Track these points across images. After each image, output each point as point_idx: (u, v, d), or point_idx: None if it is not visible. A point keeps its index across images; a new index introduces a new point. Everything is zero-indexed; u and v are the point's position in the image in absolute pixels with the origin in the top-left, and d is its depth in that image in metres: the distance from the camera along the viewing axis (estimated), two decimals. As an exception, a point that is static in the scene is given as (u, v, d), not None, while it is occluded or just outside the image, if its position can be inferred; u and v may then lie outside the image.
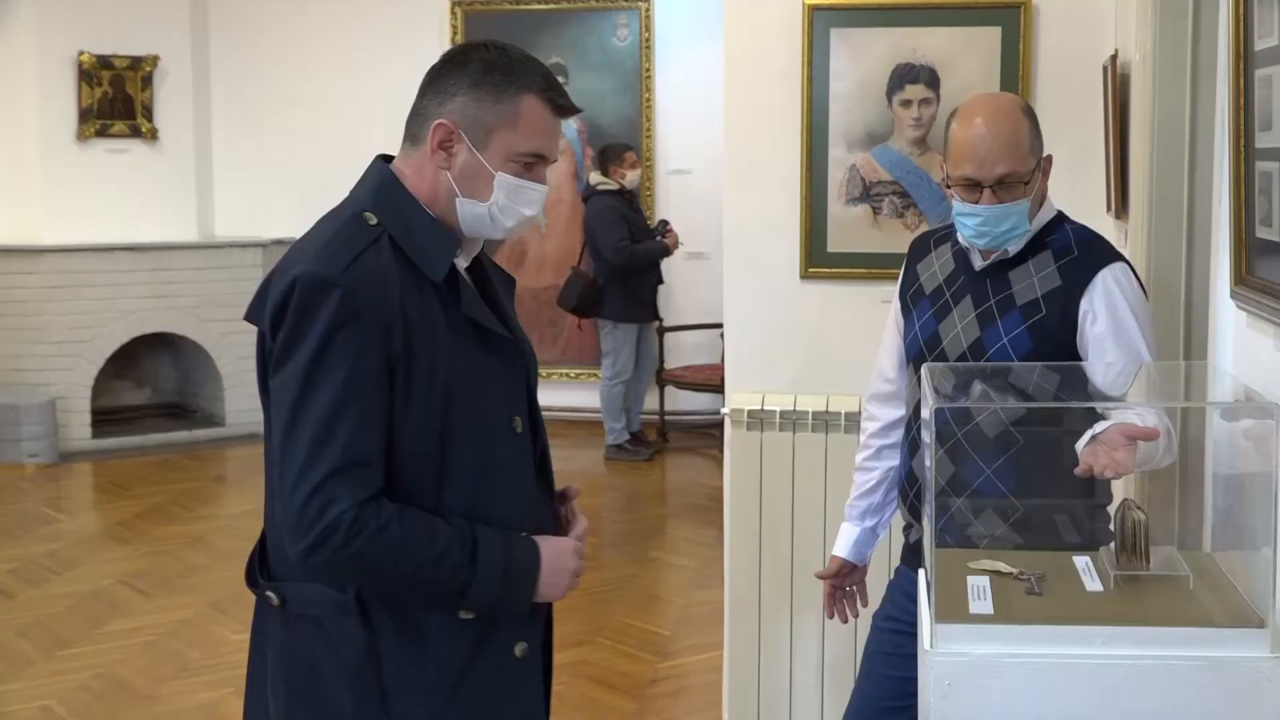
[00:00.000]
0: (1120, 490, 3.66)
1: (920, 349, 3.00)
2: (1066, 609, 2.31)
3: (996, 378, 2.87)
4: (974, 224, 2.85)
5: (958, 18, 4.29)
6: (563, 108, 2.34)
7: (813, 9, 4.31)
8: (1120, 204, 4.05)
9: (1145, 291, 3.02)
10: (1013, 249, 2.91)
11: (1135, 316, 2.87)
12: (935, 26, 4.29)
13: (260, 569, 2.35)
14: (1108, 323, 2.84)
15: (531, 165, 2.31)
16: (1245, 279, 2.70)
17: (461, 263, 2.34)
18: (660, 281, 9.38)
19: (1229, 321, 2.88)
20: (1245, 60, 2.64)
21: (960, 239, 2.98)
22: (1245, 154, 2.67)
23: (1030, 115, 2.94)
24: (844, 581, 3.35)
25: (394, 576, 2.16)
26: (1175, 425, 2.89)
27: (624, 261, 8.89)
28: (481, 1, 9.82)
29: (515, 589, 2.24)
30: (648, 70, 9.69)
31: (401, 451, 2.18)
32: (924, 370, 2.68)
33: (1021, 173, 2.84)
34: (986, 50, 4.28)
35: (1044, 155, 2.94)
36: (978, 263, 2.96)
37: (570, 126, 9.73)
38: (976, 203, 2.83)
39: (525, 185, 2.31)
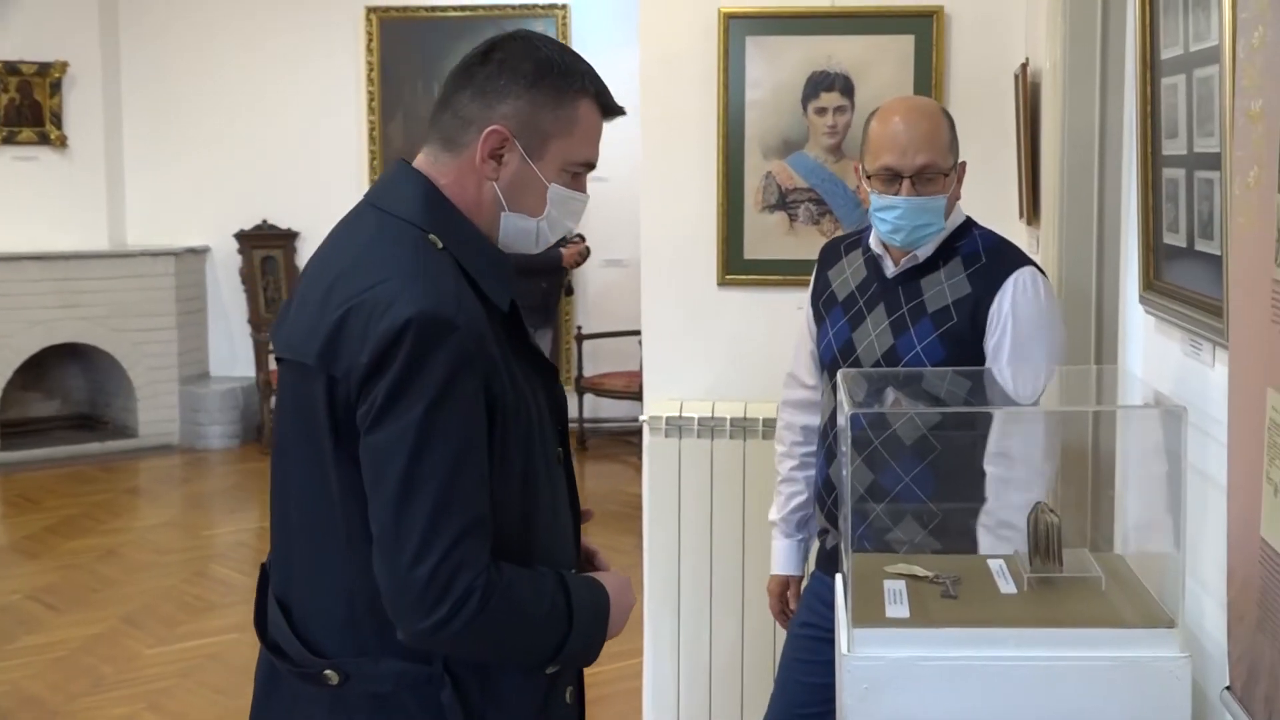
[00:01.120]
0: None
1: (835, 356, 3.01)
2: (981, 612, 2.33)
3: (910, 384, 2.90)
4: (892, 217, 2.86)
5: (872, 26, 4.32)
6: (613, 110, 2.14)
7: (728, 16, 4.33)
8: (1032, 211, 4.10)
9: (1055, 294, 3.05)
10: (923, 254, 2.93)
11: (1040, 322, 2.89)
12: (850, 35, 4.33)
13: (296, 641, 2.06)
14: (1012, 329, 2.87)
15: (579, 175, 2.12)
16: (1154, 284, 2.74)
17: None
18: (566, 291, 9.34)
19: (1138, 326, 2.92)
20: (1152, 69, 2.68)
21: (872, 244, 2.99)
22: (1153, 161, 2.71)
23: (948, 118, 2.97)
24: (788, 595, 3.35)
25: (511, 642, 1.98)
26: (1088, 428, 2.92)
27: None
28: (397, 9, 9.77)
29: (599, 637, 2.09)
30: (565, 78, 9.69)
31: (492, 500, 1.95)
32: (839, 377, 2.69)
33: (941, 166, 2.87)
34: (900, 58, 4.32)
35: (959, 161, 2.97)
36: (890, 269, 2.97)
37: (487, 134, 9.71)
38: (896, 194, 2.84)
39: (574, 196, 2.11)
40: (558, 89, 2.05)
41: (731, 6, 4.34)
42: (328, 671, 2.01)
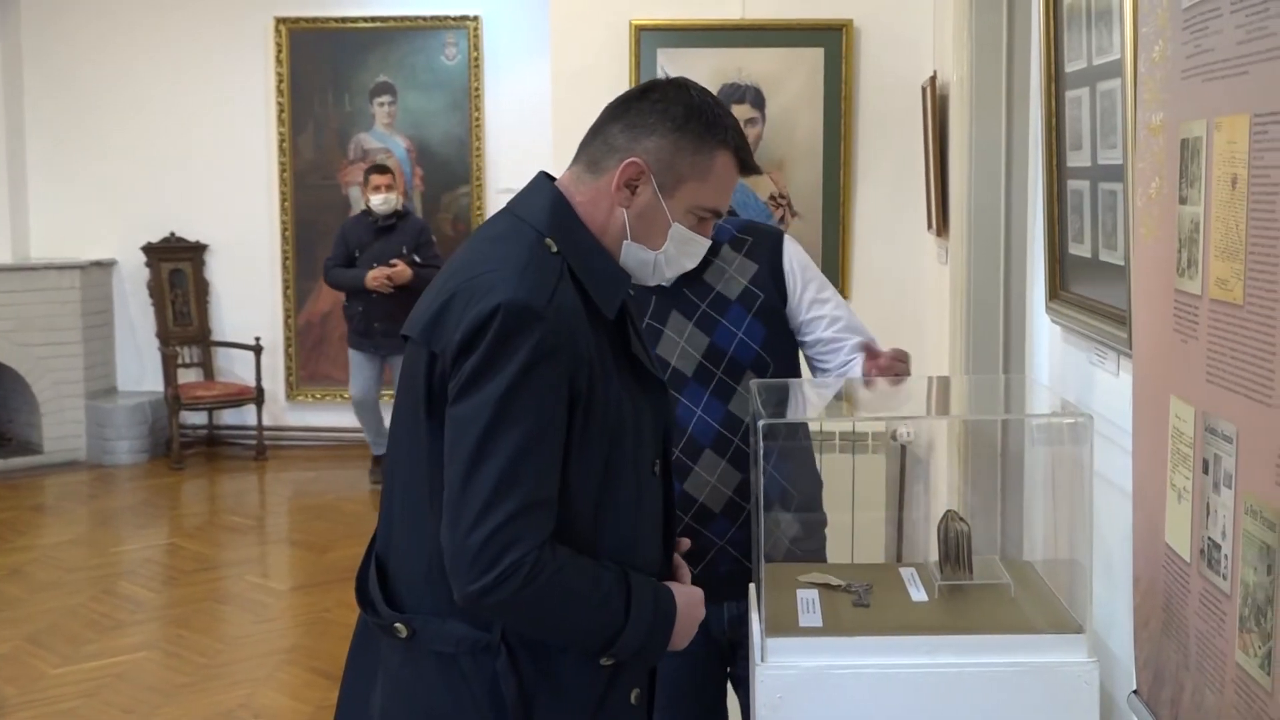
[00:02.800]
0: (944, 501, 3.74)
1: None
2: (893, 619, 2.35)
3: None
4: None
5: (782, 39, 4.36)
6: (750, 168, 2.25)
7: (640, 29, 4.34)
8: (941, 222, 4.15)
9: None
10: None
11: (816, 269, 3.01)
12: (760, 47, 4.36)
13: (383, 597, 2.20)
14: (808, 282, 2.95)
15: (705, 219, 2.22)
16: (1059, 294, 2.78)
17: None
18: (391, 316, 8.22)
19: (1045, 335, 2.97)
20: (1056, 82, 2.73)
21: None
22: (1058, 173, 2.75)
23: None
24: None
25: (557, 621, 2.08)
26: (997, 436, 2.95)
27: (329, 282, 8.69)
28: (307, 19, 9.69)
29: (658, 638, 2.16)
30: (477, 89, 9.64)
31: (567, 491, 2.07)
32: (751, 386, 2.70)
33: None
34: (810, 71, 4.35)
35: None
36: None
37: (399, 146, 9.66)
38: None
39: (695, 239, 2.22)
40: (701, 136, 2.17)
41: (642, 19, 4.35)
42: (398, 625, 2.14)
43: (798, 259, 2.97)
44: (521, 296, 2.01)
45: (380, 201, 8.34)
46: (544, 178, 2.24)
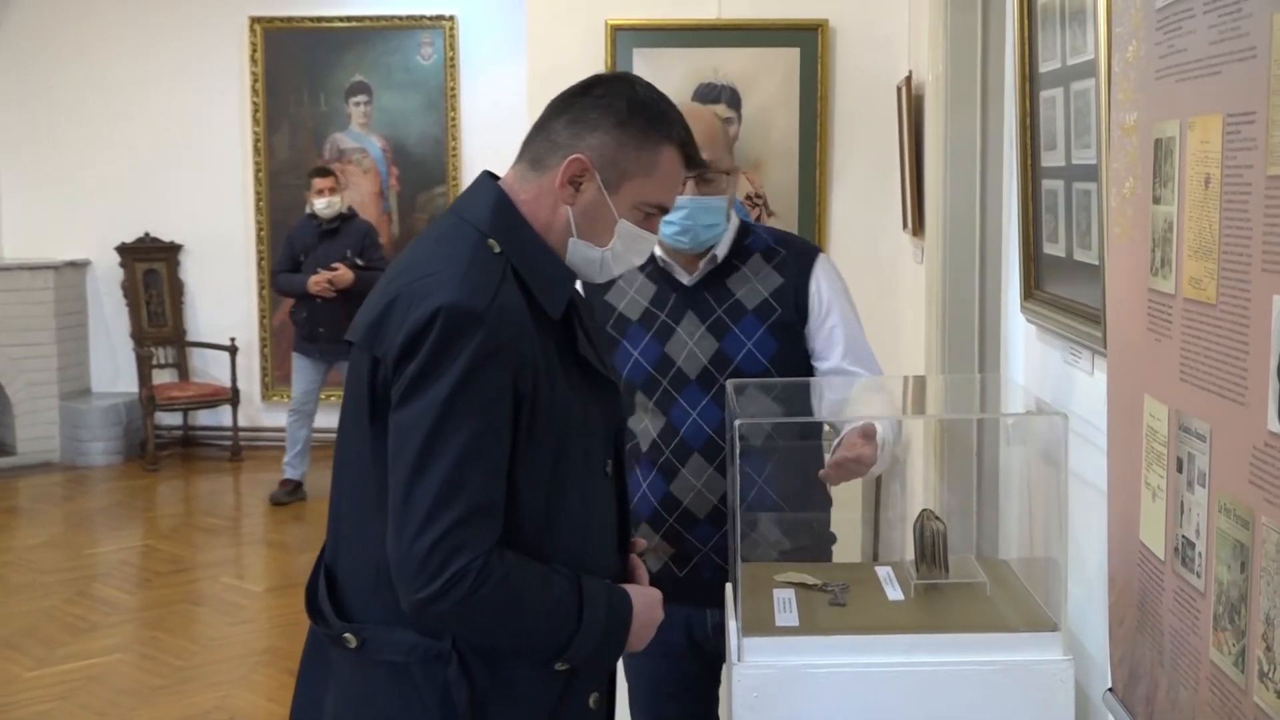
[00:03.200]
0: (919, 500, 3.75)
1: (648, 373, 2.93)
2: (869, 619, 2.35)
3: (792, 394, 2.90)
4: (679, 218, 2.84)
5: (758, 39, 4.36)
6: (695, 162, 2.23)
7: (615, 29, 4.34)
8: (916, 222, 4.16)
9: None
10: (721, 253, 2.92)
11: (846, 298, 2.96)
12: (736, 47, 4.36)
13: (332, 607, 2.17)
14: (830, 308, 2.91)
15: (652, 216, 2.20)
16: (1034, 293, 2.79)
17: None
18: (336, 321, 7.97)
19: (1020, 335, 2.98)
20: (1031, 82, 2.73)
21: (658, 256, 2.94)
22: (1032, 172, 2.76)
23: (725, 122, 2.99)
24: None
25: (507, 628, 2.05)
26: (972, 435, 2.96)
27: (275, 289, 8.64)
28: (282, 19, 9.66)
29: (614, 642, 2.14)
30: (453, 89, 9.63)
31: (515, 494, 2.05)
32: (728, 387, 2.70)
33: (720, 164, 2.87)
34: (786, 71, 4.36)
35: (734, 166, 3.00)
36: (685, 278, 2.95)
37: (375, 146, 9.64)
38: (680, 194, 2.83)
39: (643, 235, 2.20)
40: (645, 131, 2.14)
41: (618, 19, 4.35)
42: (347, 635, 2.11)
43: (827, 281, 2.93)
44: (462, 299, 1.99)
45: (324, 205, 8.24)
46: (487, 177, 2.22)
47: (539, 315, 2.09)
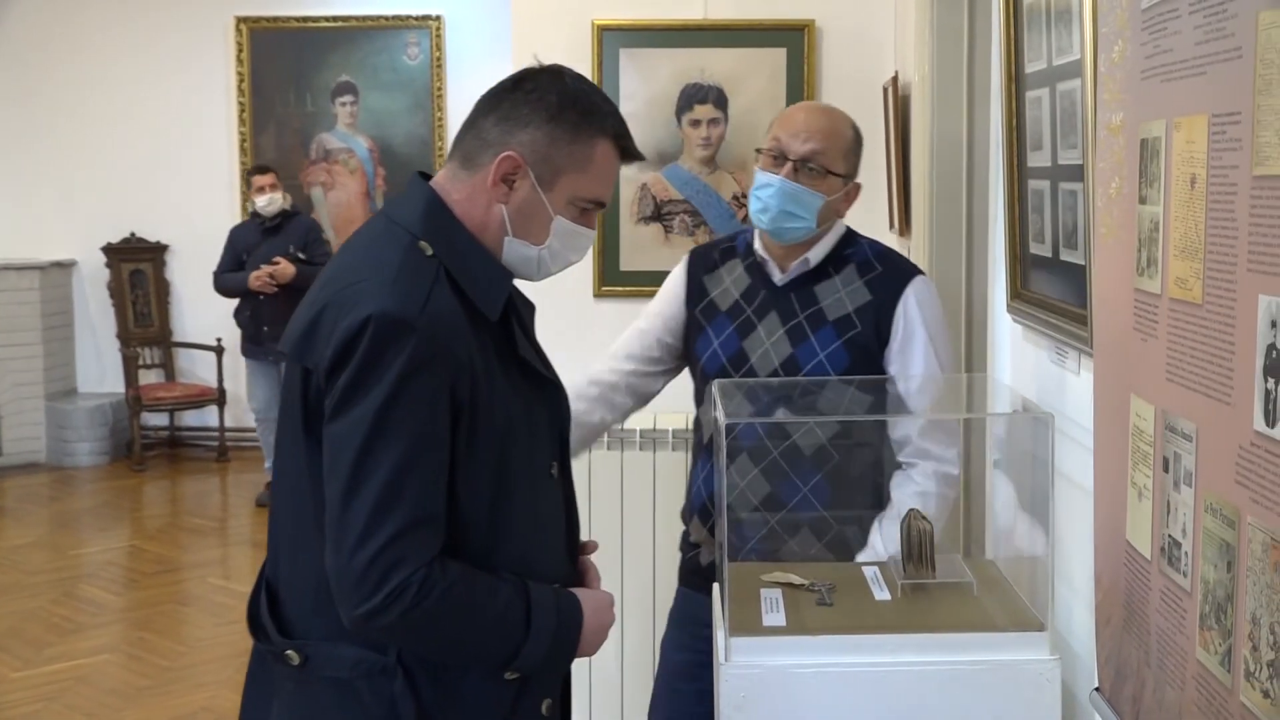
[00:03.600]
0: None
1: (723, 366, 2.93)
2: (856, 619, 2.35)
3: (808, 396, 2.89)
4: (765, 195, 2.83)
5: (744, 39, 4.36)
6: (631, 155, 2.17)
7: (602, 29, 4.34)
8: (903, 221, 4.16)
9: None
10: (814, 258, 2.90)
11: (936, 328, 2.89)
12: (722, 48, 4.36)
13: (274, 623, 2.13)
14: (911, 335, 2.85)
15: (588, 211, 2.15)
16: (1020, 293, 2.79)
17: None
18: (280, 319, 7.76)
19: (1006, 334, 2.98)
20: (1017, 82, 2.74)
21: (757, 249, 2.94)
22: (1018, 172, 2.76)
23: (859, 135, 2.95)
24: None
25: (453, 639, 2.00)
26: (960, 436, 2.94)
27: (217, 289, 8.36)
28: (268, 19, 9.65)
29: (564, 648, 2.11)
30: (439, 89, 9.62)
31: (458, 503, 2.00)
32: (714, 386, 2.69)
33: (827, 161, 2.84)
34: (772, 71, 4.36)
35: (856, 181, 2.94)
36: (777, 277, 2.93)
37: (361, 146, 9.62)
38: (775, 173, 2.84)
39: (580, 231, 2.15)
40: (577, 125, 2.09)
41: (605, 19, 4.35)
42: (289, 652, 2.07)
43: (917, 310, 2.85)
44: (392, 307, 1.94)
45: (265, 202, 8.14)
46: (418, 177, 2.17)
47: (476, 318, 2.05)
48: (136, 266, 9.80)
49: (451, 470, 1.99)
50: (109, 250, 9.77)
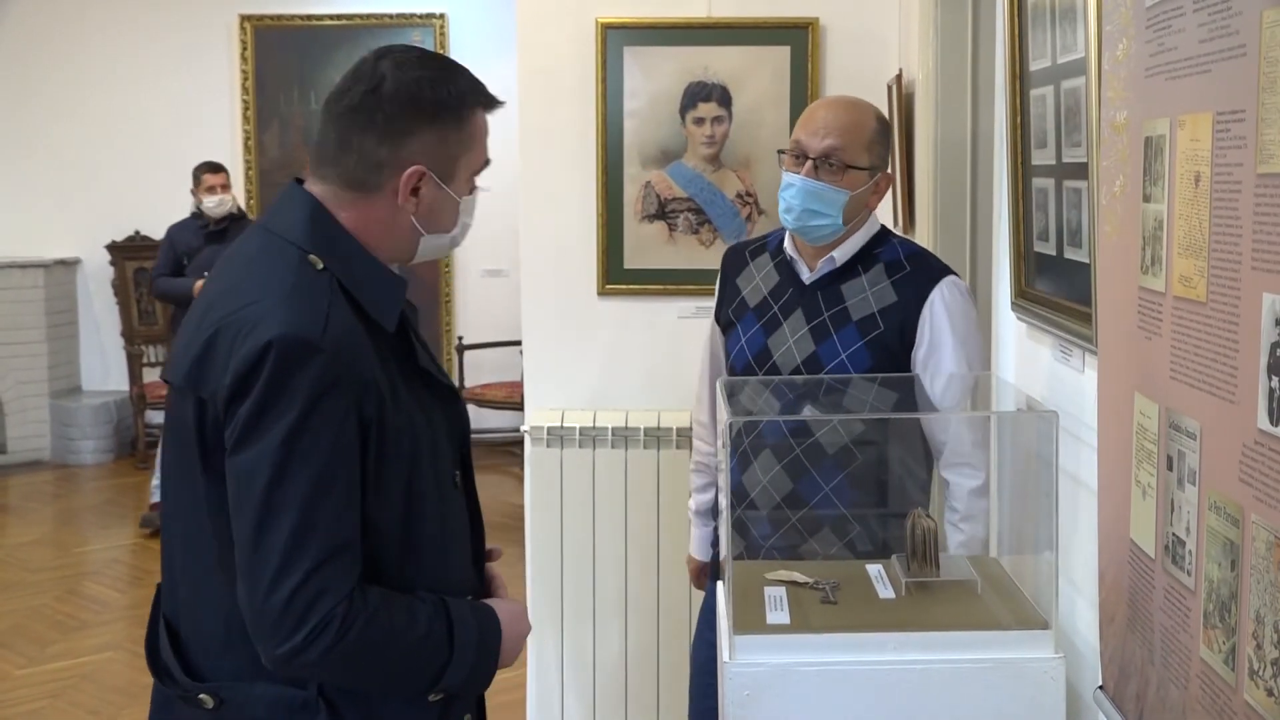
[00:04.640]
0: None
1: (749, 363, 2.93)
2: (860, 617, 2.35)
3: (833, 394, 2.88)
4: (788, 195, 2.83)
5: (748, 37, 4.36)
6: (494, 104, 2.12)
7: (606, 27, 4.33)
8: (907, 219, 4.16)
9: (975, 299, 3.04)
10: (840, 256, 2.90)
11: (964, 331, 2.87)
12: (726, 45, 4.36)
13: (179, 663, 2.05)
14: (939, 342, 2.84)
15: (478, 175, 2.13)
16: (1025, 291, 2.79)
17: None
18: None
19: (1010, 333, 2.98)
20: (1021, 80, 2.73)
21: (786, 247, 2.93)
22: (1023, 170, 2.76)
23: (883, 124, 2.93)
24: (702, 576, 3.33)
25: (378, 668, 1.94)
26: (985, 437, 2.93)
27: (155, 294, 7.99)
28: (272, 17, 9.65)
29: (486, 663, 2.07)
30: (443, 87, 9.62)
31: (369, 526, 1.93)
32: (718, 384, 2.70)
33: (847, 156, 2.83)
34: (776, 69, 4.36)
35: (884, 171, 2.94)
36: (805, 274, 2.93)
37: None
38: (796, 173, 2.84)
39: (476, 198, 2.15)
40: (456, 112, 2.05)
41: (609, 17, 4.35)
42: (203, 695, 2.00)
43: (944, 313, 2.84)
44: (294, 329, 1.86)
45: (215, 203, 7.51)
46: (296, 186, 2.08)
47: (373, 330, 1.99)
48: (141, 264, 9.80)
49: (362, 492, 1.92)
50: (113, 248, 9.78)
